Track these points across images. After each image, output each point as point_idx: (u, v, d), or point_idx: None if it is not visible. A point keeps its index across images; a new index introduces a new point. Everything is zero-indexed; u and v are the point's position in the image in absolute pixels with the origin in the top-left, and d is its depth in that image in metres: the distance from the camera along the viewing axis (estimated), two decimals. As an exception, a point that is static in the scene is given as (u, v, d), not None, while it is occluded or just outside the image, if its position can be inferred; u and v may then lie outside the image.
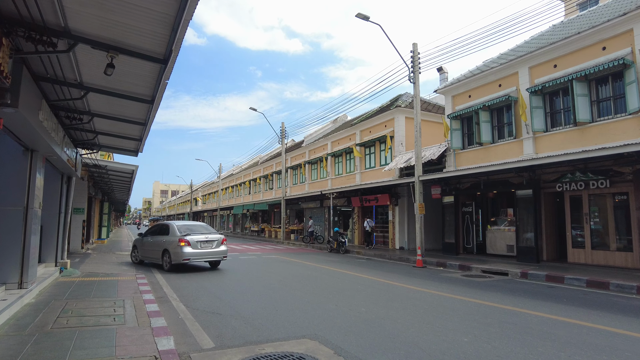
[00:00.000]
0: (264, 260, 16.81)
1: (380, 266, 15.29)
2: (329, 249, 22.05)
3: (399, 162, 21.43)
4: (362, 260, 17.47)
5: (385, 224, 23.64)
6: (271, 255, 19.15)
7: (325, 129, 34.60)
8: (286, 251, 22.26)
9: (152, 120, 8.81)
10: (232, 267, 14.50)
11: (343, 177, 27.78)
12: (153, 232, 15.13)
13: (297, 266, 14.84)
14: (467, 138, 18.74)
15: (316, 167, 32.30)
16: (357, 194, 25.26)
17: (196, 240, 13.27)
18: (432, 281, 11.43)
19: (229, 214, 56.52)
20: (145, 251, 14.89)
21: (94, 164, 15.58)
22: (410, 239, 22.08)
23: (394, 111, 23.03)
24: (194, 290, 9.59)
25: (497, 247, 16.76)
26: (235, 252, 21.34)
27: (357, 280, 11.33)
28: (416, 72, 18.08)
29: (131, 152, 12.92)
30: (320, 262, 16.57)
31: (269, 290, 9.63)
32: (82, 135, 10.71)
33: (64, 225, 11.78)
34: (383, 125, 24.10)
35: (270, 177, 41.51)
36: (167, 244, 13.46)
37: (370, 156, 25.20)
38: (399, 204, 22.22)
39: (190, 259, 12.96)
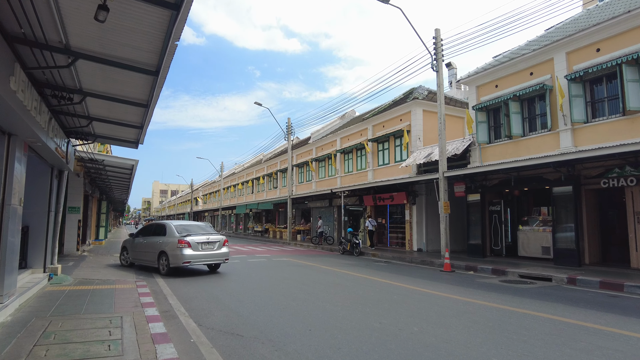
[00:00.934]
0: (275, 264, 15.41)
1: (404, 270, 13.89)
2: (341, 250, 20.65)
3: (418, 157, 20.03)
4: (381, 264, 16.08)
5: (401, 224, 22.23)
6: (281, 258, 17.74)
7: (333, 125, 33.19)
8: (296, 253, 20.85)
9: (156, 100, 7.41)
10: (242, 271, 13.09)
11: (353, 175, 26.37)
12: (146, 232, 13.84)
13: (313, 271, 13.43)
14: (493, 131, 17.35)
15: (324, 164, 30.89)
16: (370, 192, 23.85)
17: (197, 241, 12.01)
18: (471, 289, 10.04)
19: (231, 214, 55.09)
20: (137, 253, 13.59)
21: (89, 158, 14.17)
22: (428, 240, 20.69)
23: (410, 104, 21.62)
24: (204, 301, 8.18)
25: (531, 249, 15.36)
26: (242, 254, 19.94)
27: (388, 289, 9.93)
28: (439, 59, 16.70)
29: (131, 144, 11.51)
30: (337, 265, 15.17)
31: (293, 301, 8.23)
32: (74, 122, 9.30)
33: (54, 226, 10.37)
34: (398, 119, 22.70)
35: (275, 176, 40.09)
36: (164, 246, 12.15)
37: (383, 152, 23.79)
38: (417, 202, 20.81)
39: (191, 262, 11.73)
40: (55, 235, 10.37)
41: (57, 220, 10.48)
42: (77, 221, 17.44)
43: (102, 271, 12.33)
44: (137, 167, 14.86)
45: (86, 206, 21.05)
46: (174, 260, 11.79)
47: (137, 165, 15.04)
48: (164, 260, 12.18)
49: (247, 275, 12.10)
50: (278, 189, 38.98)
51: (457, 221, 21.78)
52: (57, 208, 10.51)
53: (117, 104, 7.91)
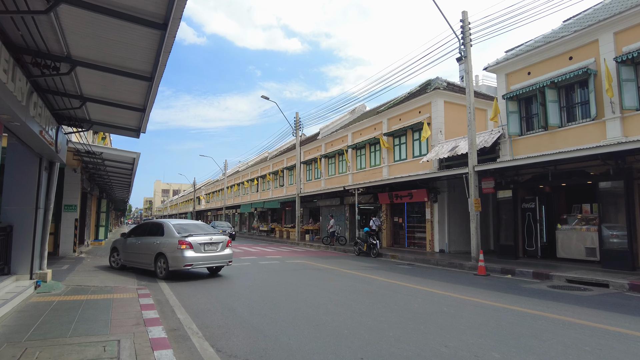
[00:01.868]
0: (290, 267, 14.02)
1: (433, 274, 12.50)
2: (357, 251, 19.27)
3: (440, 152, 18.62)
4: (405, 267, 14.70)
5: (420, 224, 20.82)
6: (295, 260, 16.35)
7: (343, 120, 31.78)
8: (308, 254, 19.46)
9: (162, 71, 6.03)
10: (256, 276, 11.71)
11: (367, 172, 24.97)
12: (139, 232, 12.62)
13: (335, 275, 12.05)
14: (525, 122, 15.95)
15: (333, 161, 29.49)
16: (385, 189, 22.45)
17: (199, 242, 10.91)
18: (523, 296, 8.68)
19: (235, 213, 53.73)
20: (129, 255, 12.35)
21: (86, 151, 12.81)
22: (451, 240, 19.29)
23: (431, 94, 20.21)
24: (219, 315, 6.80)
25: (572, 250, 13.94)
26: (251, 255, 18.56)
27: (431, 298, 8.54)
28: (467, 43, 15.33)
29: (132, 132, 10.13)
30: (358, 268, 13.78)
31: (326, 315, 6.84)
32: (65, 103, 7.93)
33: (44, 225, 9.00)
34: (417, 112, 21.29)
35: (281, 173, 38.70)
36: (162, 247, 11.00)
37: (400, 147, 22.38)
38: (439, 200, 19.40)
39: (193, 264, 10.65)
40: (45, 236, 9.00)
41: (47, 218, 9.11)
42: (73, 220, 16.08)
43: (100, 276, 10.97)
44: (139, 162, 13.50)
45: (84, 204, 19.70)
46: (174, 263, 10.59)
47: (139, 160, 13.66)
48: (162, 262, 10.96)
49: (262, 281, 10.72)
50: (284, 187, 37.60)
51: (481, 220, 20.36)
52: (47, 205, 9.15)
53: (115, 78, 6.53)
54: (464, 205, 19.79)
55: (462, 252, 19.32)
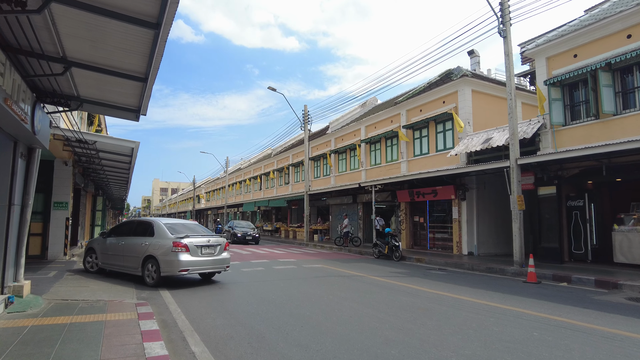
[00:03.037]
0: (311, 273, 12.31)
1: (478, 282, 10.80)
2: (376, 254, 17.56)
3: (470, 144, 16.91)
4: (438, 272, 13.01)
5: (445, 224, 19.13)
6: (313, 264, 14.63)
7: (353, 114, 30.07)
8: (323, 257, 17.74)
9: (172, 15, 4.31)
10: (277, 285, 9.97)
11: (382, 168, 23.25)
12: (122, 231, 11.05)
13: (367, 284, 10.34)
14: (569, 110, 14.26)
15: (345, 156, 27.77)
16: (404, 186, 20.75)
17: (196, 244, 9.61)
18: (606, 312, 6.99)
19: (237, 212, 51.98)
20: (109, 257, 10.79)
21: (77, 139, 11.05)
22: (480, 242, 17.61)
23: (457, 82, 18.50)
24: (247, 347, 5.07)
25: (634, 255, 12.24)
26: (261, 257, 16.82)
27: (503, 316, 6.82)
28: (507, 22, 13.69)
29: (130, 113, 8.38)
30: (389, 275, 12.09)
31: (390, 347, 5.12)
32: (43, 67, 6.16)
33: (20, 226, 7.25)
34: (441, 102, 19.58)
35: (287, 170, 36.96)
36: (152, 249, 9.60)
37: (421, 140, 20.67)
38: (467, 198, 17.70)
39: (189, 269, 9.37)
40: (22, 240, 7.25)
41: (25, 217, 7.37)
42: (64, 219, 14.32)
43: (92, 285, 9.23)
44: (137, 158, 11.74)
45: (77, 202, 17.93)
46: (168, 268, 9.25)
47: (138, 152, 11.89)
48: (151, 267, 9.54)
49: (285, 292, 8.98)
50: (290, 185, 35.87)
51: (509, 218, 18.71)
52: (24, 201, 7.40)
53: (108, 27, 4.79)
54: (494, 203, 18.15)
55: (492, 254, 17.68)
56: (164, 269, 9.31)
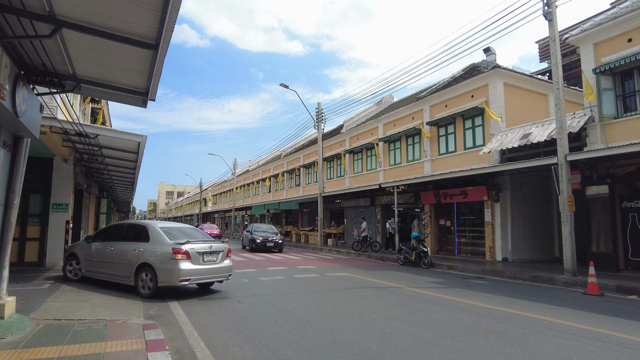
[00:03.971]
0: (339, 284, 10.95)
1: (534, 294, 9.39)
2: (402, 260, 16.14)
3: (505, 141, 15.51)
4: (479, 282, 11.64)
5: (476, 227, 17.70)
6: (336, 272, 13.25)
7: (369, 112, 28.72)
8: (343, 263, 16.38)
9: None
10: (304, 300, 8.60)
11: (403, 167, 21.87)
12: (110, 235, 9.83)
13: (411, 299, 8.95)
14: (622, 101, 12.85)
15: (360, 156, 26.40)
16: (428, 187, 19.37)
17: (197, 251, 8.60)
18: None
19: (245, 215, 50.71)
20: (95, 264, 9.60)
21: (77, 132, 9.78)
22: (514, 247, 16.18)
23: (488, 74, 17.12)
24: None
25: None
26: (277, 264, 15.47)
27: (600, 342, 5.44)
28: (552, 3, 12.29)
29: (136, 97, 7.08)
30: (427, 286, 10.72)
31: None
32: (25, 27, 4.87)
33: (2, 230, 5.95)
34: (469, 96, 18.19)
35: (297, 172, 35.65)
36: (147, 256, 8.52)
37: (447, 138, 19.27)
38: (501, 199, 16.27)
39: (190, 279, 8.35)
40: (4, 247, 5.96)
41: (9, 220, 6.08)
42: (64, 223, 13.07)
43: (92, 298, 7.92)
44: (143, 160, 10.42)
45: (79, 203, 16.68)
46: (166, 278, 8.22)
47: (144, 151, 10.57)
48: (146, 276, 8.45)
49: (317, 308, 7.62)
50: (301, 187, 34.54)
51: (545, 221, 17.35)
52: (9, 200, 6.11)
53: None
54: (528, 205, 16.79)
55: (527, 260, 16.27)
56: (162, 279, 8.18)
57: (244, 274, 12.50)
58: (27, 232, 12.78)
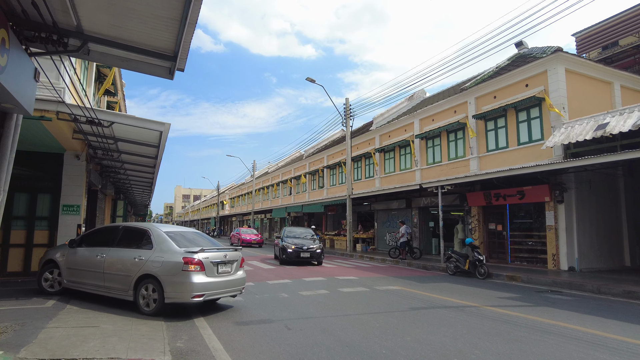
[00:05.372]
0: (396, 301, 9.15)
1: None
2: (452, 269, 14.24)
3: (572, 134, 13.54)
4: (560, 297, 9.78)
5: (533, 232, 15.72)
6: (387, 286, 11.42)
7: (400, 108, 26.88)
8: (385, 273, 14.58)
9: None
10: (368, 322, 6.82)
11: (444, 166, 19.96)
12: (102, 240, 8.25)
13: (498, 322, 7.10)
14: None
15: (392, 155, 24.54)
16: (476, 187, 17.46)
17: (212, 260, 7.29)
18: None
19: (264, 218, 49.18)
20: (81, 274, 8.03)
21: (88, 119, 8.21)
22: (581, 254, 14.18)
23: (548, 60, 15.16)
24: None
25: None
26: (313, 274, 13.71)
27: None
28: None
29: (162, 61, 5.43)
30: (502, 303, 8.86)
31: None
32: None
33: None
34: (522, 85, 16.24)
35: (321, 173, 33.95)
36: (151, 266, 7.10)
37: (496, 132, 17.33)
38: (565, 199, 14.28)
39: (204, 294, 7.03)
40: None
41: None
42: (76, 226, 11.56)
43: (104, 323, 6.28)
44: (169, 129, 8.79)
45: (93, 205, 15.20)
46: (175, 293, 6.88)
47: (168, 132, 8.92)
48: (148, 290, 7.06)
49: (392, 339, 5.83)
50: (325, 189, 32.81)
51: (612, 226, 15.34)
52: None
53: None
54: (595, 207, 14.78)
55: (595, 270, 14.30)
56: (170, 294, 6.85)
57: (279, 287, 10.78)
58: (35, 237, 11.33)
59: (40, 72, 5.10)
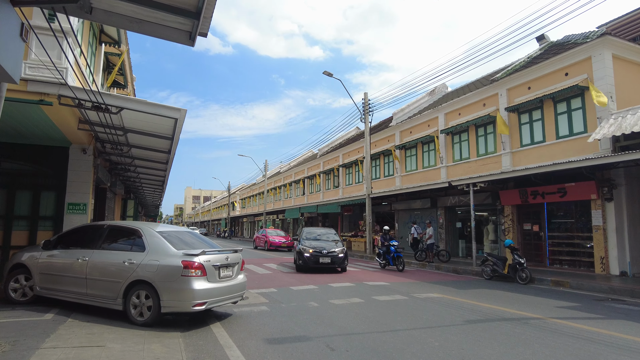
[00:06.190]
0: (443, 312, 8.02)
1: None
2: (488, 274, 13.06)
3: (624, 125, 12.28)
4: (627, 307, 8.51)
5: (577, 232, 14.47)
6: (426, 294, 10.29)
7: (421, 103, 25.70)
8: (415, 277, 13.47)
9: None
10: (422, 340, 5.73)
11: (472, 163, 18.76)
12: (83, 240, 7.23)
13: (579, 341, 5.97)
14: None
15: (414, 152, 23.37)
16: (509, 185, 16.24)
17: (214, 264, 6.45)
18: None
19: (275, 219, 48.21)
20: (58, 280, 6.97)
21: (94, 105, 7.21)
22: (634, 258, 12.91)
23: (592, 46, 13.93)
24: None
25: None
26: (341, 279, 12.62)
27: None
28: None
29: (182, 22, 4.39)
30: (565, 314, 7.70)
31: None
32: None
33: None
34: (562, 74, 15.00)
35: (336, 172, 32.84)
36: (144, 271, 6.18)
37: (531, 126, 16.10)
38: (615, 197, 13.03)
39: (207, 302, 6.15)
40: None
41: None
42: (82, 227, 10.55)
43: (110, 341, 5.26)
44: (185, 115, 7.75)
45: (102, 205, 14.24)
46: (174, 302, 6.04)
47: (184, 119, 7.88)
48: (141, 298, 6.17)
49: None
50: (340, 188, 31.71)
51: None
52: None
53: None
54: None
55: (649, 275, 12.94)
56: (169, 303, 6.01)
57: (306, 294, 9.70)
58: (38, 238, 10.35)
59: (28, 30, 4.07)
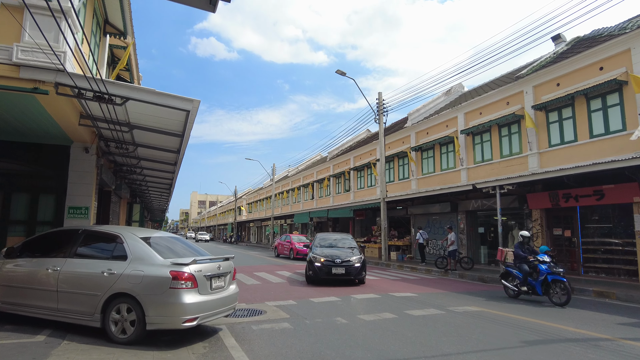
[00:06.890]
0: (495, 331, 7.05)
1: None
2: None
3: (671, 120, 11.28)
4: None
5: (615, 238, 13.43)
6: (463, 307, 9.30)
7: (437, 103, 24.77)
8: (441, 287, 12.48)
9: None
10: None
11: (495, 165, 17.77)
12: (53, 247, 6.33)
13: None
14: None
15: (432, 153, 22.40)
16: (537, 187, 15.24)
17: (205, 274, 5.75)
18: None
19: (283, 224, 47.29)
20: (23, 293, 6.05)
21: (96, 94, 6.36)
22: (682, 266, 11.80)
23: (631, 37, 12.95)
24: None
25: None
26: (364, 290, 11.67)
27: None
28: None
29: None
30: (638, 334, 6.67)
31: None
32: None
33: None
34: (595, 69, 14.03)
35: (347, 175, 31.88)
36: (126, 282, 5.43)
37: (560, 125, 15.12)
38: (660, 201, 12.01)
39: (198, 317, 5.45)
40: None
41: None
42: (84, 233, 9.68)
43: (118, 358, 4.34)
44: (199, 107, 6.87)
45: (106, 208, 13.39)
46: (161, 317, 5.30)
47: (197, 112, 6.98)
48: (121, 313, 5.41)
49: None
50: (352, 192, 30.74)
51: None
52: None
53: None
54: None
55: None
56: (155, 319, 5.28)
57: (329, 307, 8.75)
58: (36, 245, 9.49)
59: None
